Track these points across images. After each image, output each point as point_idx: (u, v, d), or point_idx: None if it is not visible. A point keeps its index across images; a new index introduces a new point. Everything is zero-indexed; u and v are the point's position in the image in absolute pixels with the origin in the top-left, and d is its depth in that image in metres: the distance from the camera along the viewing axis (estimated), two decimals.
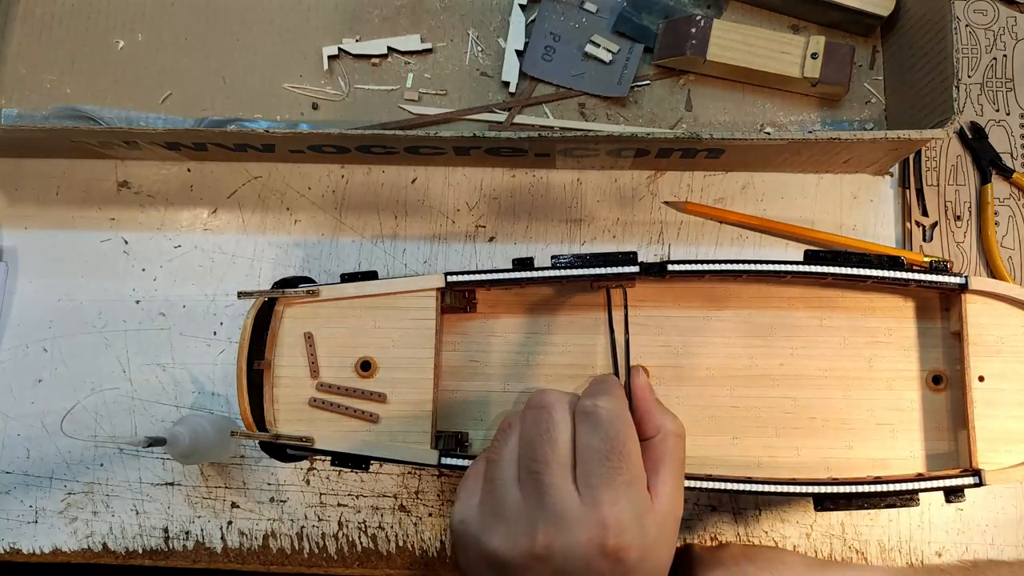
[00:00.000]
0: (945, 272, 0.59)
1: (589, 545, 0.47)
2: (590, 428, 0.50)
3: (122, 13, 0.79)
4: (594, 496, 0.48)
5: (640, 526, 0.49)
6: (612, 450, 0.49)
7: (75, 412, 0.73)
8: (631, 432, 0.51)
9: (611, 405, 0.51)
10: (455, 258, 0.74)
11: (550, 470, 0.49)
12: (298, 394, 0.60)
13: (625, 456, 0.49)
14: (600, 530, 0.47)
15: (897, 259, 0.59)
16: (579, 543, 0.47)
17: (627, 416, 0.51)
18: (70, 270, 0.75)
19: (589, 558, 0.48)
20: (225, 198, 0.76)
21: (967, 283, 0.59)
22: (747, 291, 0.63)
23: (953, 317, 0.61)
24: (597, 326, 0.63)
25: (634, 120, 0.75)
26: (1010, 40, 0.76)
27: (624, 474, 0.49)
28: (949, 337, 0.62)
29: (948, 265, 0.60)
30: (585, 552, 0.47)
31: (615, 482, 0.48)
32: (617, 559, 0.48)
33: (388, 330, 0.60)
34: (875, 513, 0.70)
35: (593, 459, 0.49)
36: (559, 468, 0.49)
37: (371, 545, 0.71)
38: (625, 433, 0.50)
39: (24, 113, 0.77)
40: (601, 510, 0.48)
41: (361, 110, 0.76)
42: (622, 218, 0.74)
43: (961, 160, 0.75)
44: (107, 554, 0.72)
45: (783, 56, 0.72)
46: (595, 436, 0.49)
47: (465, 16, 0.77)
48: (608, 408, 0.51)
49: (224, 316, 0.74)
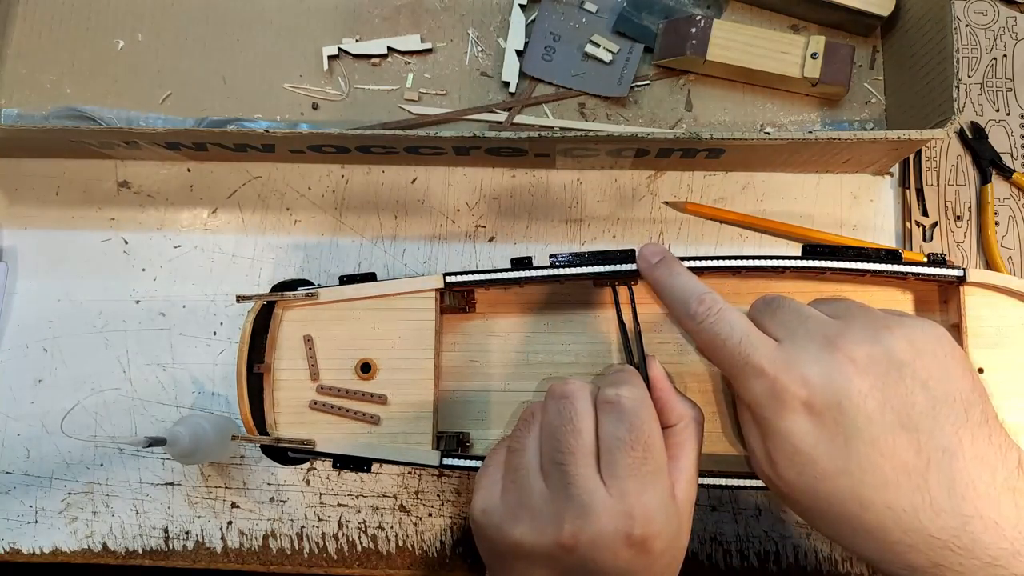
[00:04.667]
0: (943, 265, 0.59)
1: (616, 535, 0.48)
2: (615, 418, 0.50)
3: (122, 13, 0.79)
4: (620, 487, 0.48)
5: (665, 515, 0.49)
6: (637, 440, 0.49)
7: (75, 412, 0.73)
8: (655, 422, 0.51)
9: (633, 394, 0.51)
10: (455, 258, 0.74)
11: (575, 460, 0.49)
12: (298, 397, 0.60)
13: (650, 446, 0.50)
14: (627, 520, 0.48)
15: (895, 252, 0.59)
16: (606, 533, 0.48)
17: (650, 405, 0.52)
18: (70, 270, 0.75)
19: (616, 548, 0.48)
20: (225, 198, 0.76)
21: (965, 275, 0.59)
22: (746, 287, 0.63)
23: (952, 310, 0.61)
24: (597, 324, 0.63)
25: (634, 120, 0.75)
26: (1010, 40, 0.76)
27: (649, 464, 0.49)
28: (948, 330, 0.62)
29: (946, 258, 0.60)
30: (612, 542, 0.48)
31: (640, 472, 0.49)
32: (643, 548, 0.48)
33: (388, 331, 0.60)
34: None
35: (619, 449, 0.49)
36: (584, 458, 0.50)
37: (371, 545, 0.71)
38: (649, 423, 0.50)
39: (24, 113, 0.77)
40: (628, 500, 0.48)
41: (361, 110, 0.76)
42: (622, 218, 0.74)
43: (961, 160, 0.75)
44: (107, 554, 0.72)
45: (783, 56, 0.72)
46: (620, 426, 0.50)
47: (465, 16, 0.77)
48: (631, 398, 0.51)
49: (224, 316, 0.74)
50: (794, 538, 0.70)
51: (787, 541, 0.70)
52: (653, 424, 0.51)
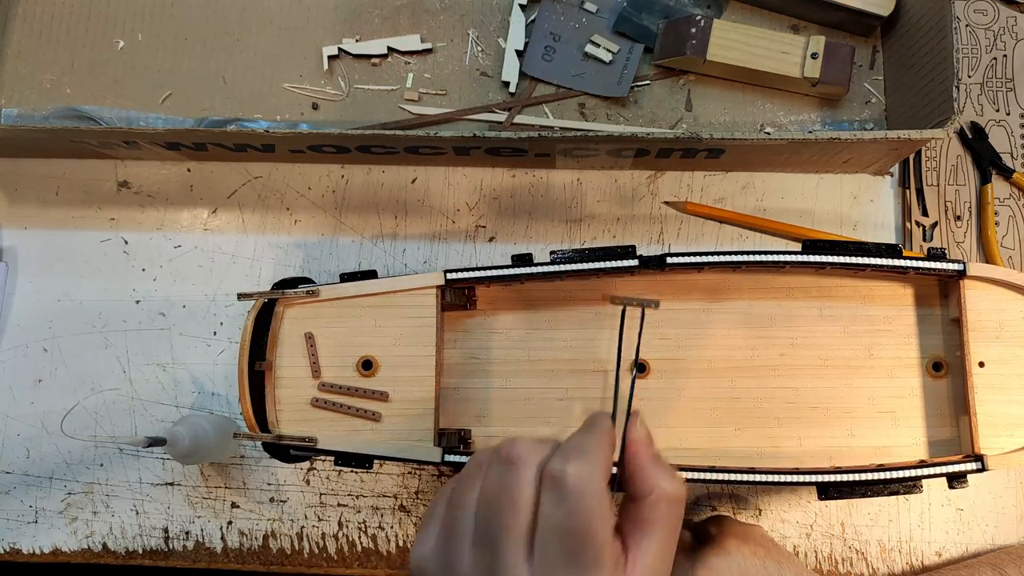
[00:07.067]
0: (943, 259, 0.59)
1: None
2: (555, 498, 0.44)
3: (122, 13, 0.79)
4: None
5: None
6: (573, 529, 0.43)
7: (75, 412, 0.73)
8: (601, 506, 0.44)
9: (581, 472, 0.44)
10: (455, 258, 0.74)
11: (506, 541, 0.44)
12: (300, 394, 0.60)
13: (588, 538, 0.43)
14: None
15: (895, 247, 0.59)
16: None
17: (598, 485, 0.44)
18: (70, 270, 0.75)
19: None
20: (225, 198, 0.76)
21: (965, 269, 0.59)
22: (746, 282, 0.63)
23: (952, 304, 0.61)
24: (598, 320, 0.63)
25: (634, 120, 0.75)
26: (1010, 40, 0.76)
27: (584, 558, 0.43)
28: (949, 324, 0.62)
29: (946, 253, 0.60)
30: None
31: (574, 565, 0.43)
32: None
33: (389, 329, 0.60)
34: (875, 513, 0.70)
35: (551, 537, 0.43)
36: (516, 540, 0.44)
37: (371, 545, 0.71)
38: (592, 508, 0.43)
39: (24, 113, 0.77)
40: None
41: (361, 110, 0.76)
42: (622, 218, 0.74)
43: (961, 160, 0.75)
44: (107, 554, 0.72)
45: (783, 56, 0.72)
46: (558, 509, 0.43)
47: (465, 16, 0.78)
48: (577, 476, 0.44)
49: (224, 316, 0.74)
50: (794, 538, 0.70)
51: (787, 541, 0.70)
52: (598, 510, 0.44)
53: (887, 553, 0.69)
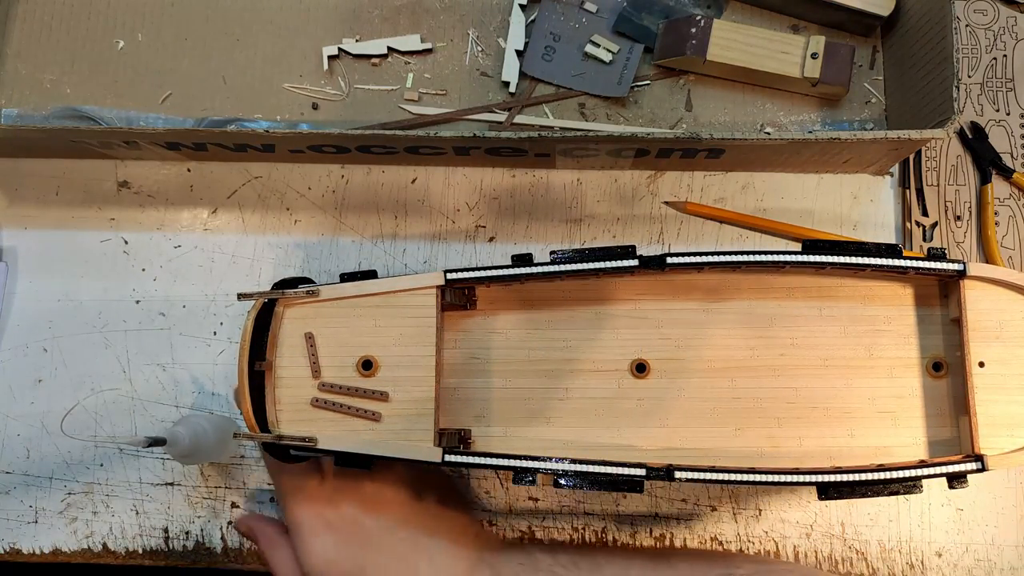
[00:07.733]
0: (943, 259, 0.59)
1: None
2: None
3: (122, 13, 0.79)
4: None
5: None
6: None
7: (75, 412, 0.73)
8: None
9: None
10: (455, 258, 0.74)
11: None
12: (300, 394, 0.60)
13: None
14: None
15: (895, 247, 0.59)
16: None
17: None
18: (70, 270, 0.75)
19: None
20: (225, 198, 0.76)
21: (965, 269, 0.59)
22: (746, 282, 0.63)
23: (952, 304, 0.61)
24: (598, 320, 0.63)
25: (634, 120, 0.75)
26: (1010, 40, 0.76)
27: None
28: (948, 324, 0.62)
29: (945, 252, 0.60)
30: None
31: None
32: None
33: (389, 329, 0.60)
34: (875, 513, 0.70)
35: None
36: None
37: None
38: None
39: (24, 113, 0.77)
40: None
41: (361, 110, 0.76)
42: (622, 218, 0.74)
43: (961, 160, 0.75)
44: (107, 554, 0.72)
45: (783, 56, 0.72)
46: None
47: (465, 16, 0.78)
48: None
49: (224, 316, 0.74)
50: (794, 538, 0.70)
51: (787, 541, 0.70)
52: None
53: (887, 553, 0.69)
